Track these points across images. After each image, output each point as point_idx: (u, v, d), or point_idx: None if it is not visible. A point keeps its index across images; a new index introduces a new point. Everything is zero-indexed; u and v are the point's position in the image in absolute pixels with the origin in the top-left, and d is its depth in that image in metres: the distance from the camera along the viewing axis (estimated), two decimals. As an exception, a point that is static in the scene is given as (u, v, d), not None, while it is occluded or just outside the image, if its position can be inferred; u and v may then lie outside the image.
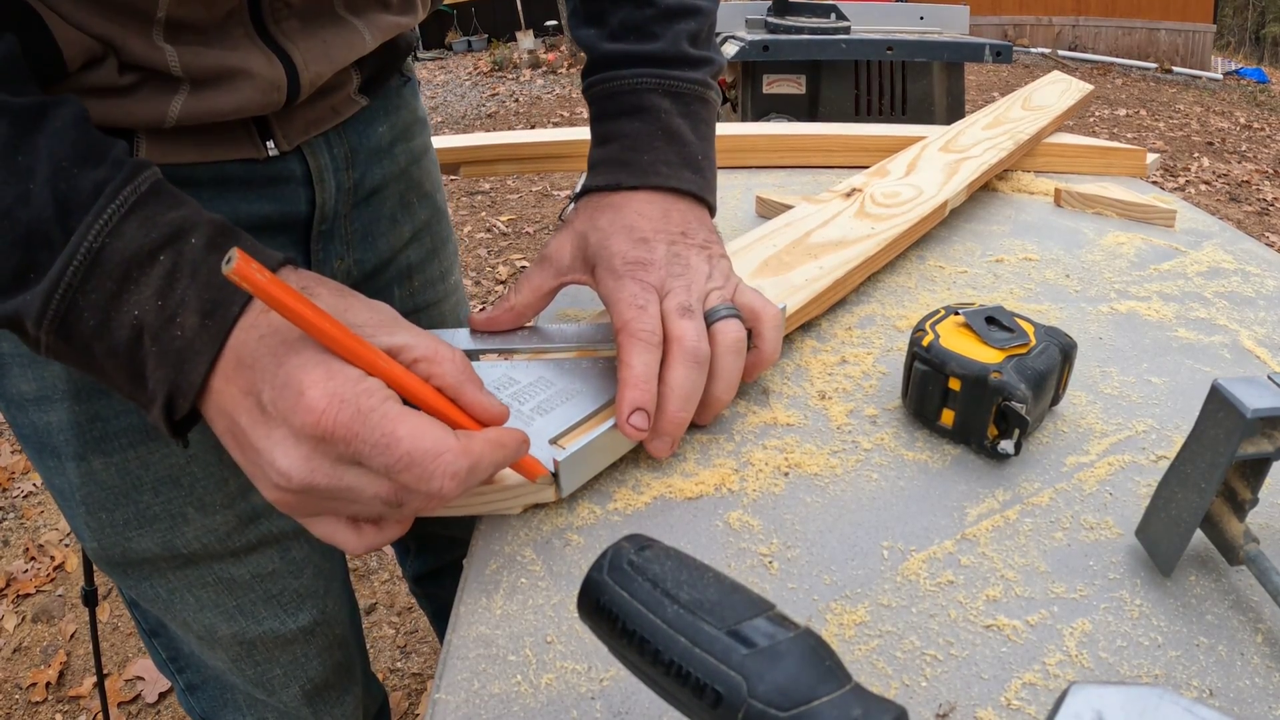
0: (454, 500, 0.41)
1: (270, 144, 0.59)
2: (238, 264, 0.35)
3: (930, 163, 0.99)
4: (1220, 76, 9.66)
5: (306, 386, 0.38)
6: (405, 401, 0.41)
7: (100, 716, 1.56)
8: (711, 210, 0.63)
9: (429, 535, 1.08)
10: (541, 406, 0.54)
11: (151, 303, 0.40)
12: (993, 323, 0.57)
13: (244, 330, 0.41)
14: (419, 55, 9.17)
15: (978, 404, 0.54)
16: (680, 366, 0.52)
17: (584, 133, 1.17)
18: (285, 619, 0.70)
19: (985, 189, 1.05)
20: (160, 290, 0.40)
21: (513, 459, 0.45)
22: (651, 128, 0.61)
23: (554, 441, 0.52)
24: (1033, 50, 10.31)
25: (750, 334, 0.57)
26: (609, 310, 0.55)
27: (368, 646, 1.80)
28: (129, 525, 0.62)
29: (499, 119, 6.71)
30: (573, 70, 8.49)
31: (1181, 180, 5.21)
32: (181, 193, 0.44)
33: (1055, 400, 0.59)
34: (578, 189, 0.63)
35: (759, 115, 2.57)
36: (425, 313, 0.82)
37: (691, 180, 0.61)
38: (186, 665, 0.75)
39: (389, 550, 2.05)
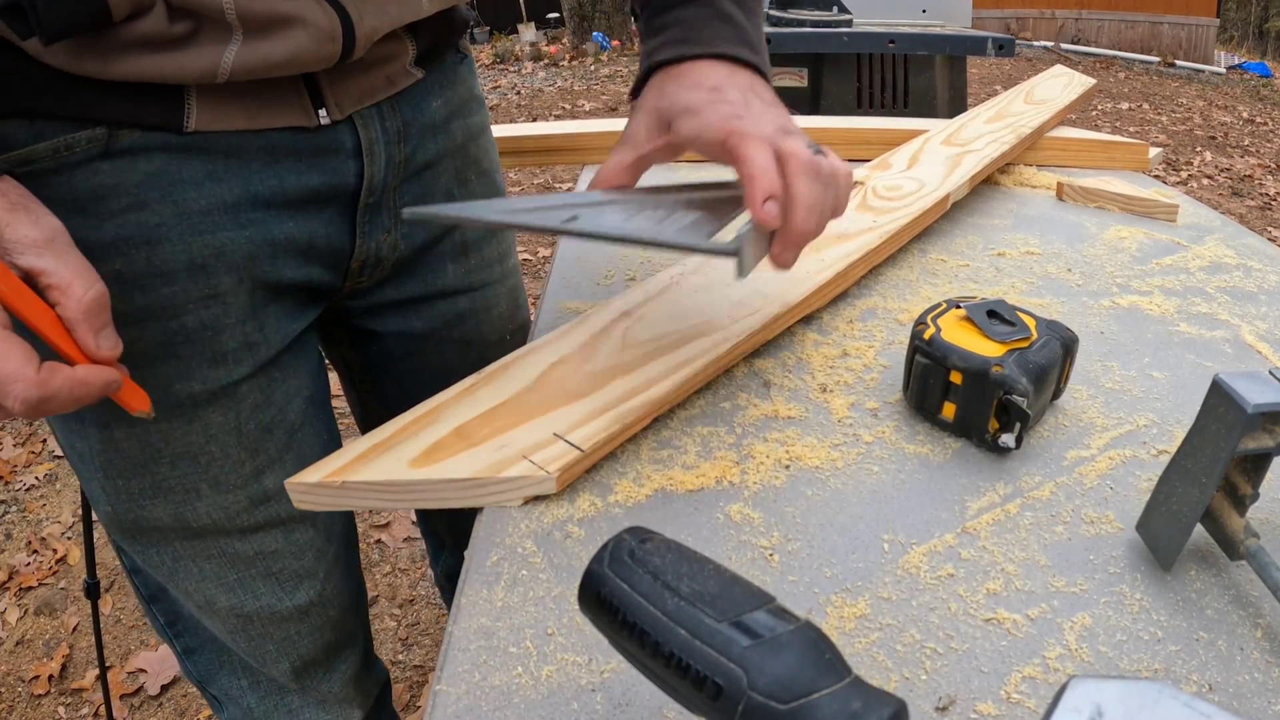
0: (23, 416, 0.44)
1: (322, 112, 0.60)
2: None
3: (932, 156, 0.98)
4: (1223, 70, 9.63)
5: None
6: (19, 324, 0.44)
7: (103, 709, 1.57)
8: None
9: (466, 531, 1.09)
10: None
11: None
12: (994, 316, 0.57)
13: None
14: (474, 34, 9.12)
15: (979, 397, 0.54)
16: (801, 178, 0.50)
17: (585, 125, 1.17)
18: (283, 597, 0.71)
19: (987, 183, 1.05)
20: None
21: (97, 395, 0.46)
22: (707, 12, 0.62)
23: (558, 435, 0.52)
24: (1035, 44, 10.29)
25: None
26: (703, 139, 0.54)
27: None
28: (143, 494, 0.63)
29: (500, 111, 6.70)
30: (574, 63, 8.48)
31: (1184, 174, 5.20)
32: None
33: (1056, 394, 0.59)
34: (639, 74, 0.63)
35: (761, 109, 2.56)
36: (481, 292, 0.82)
37: (751, 56, 0.61)
38: (185, 629, 0.76)
39: (390, 544, 2.06)
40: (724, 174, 0.55)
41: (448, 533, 1.12)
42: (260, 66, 0.53)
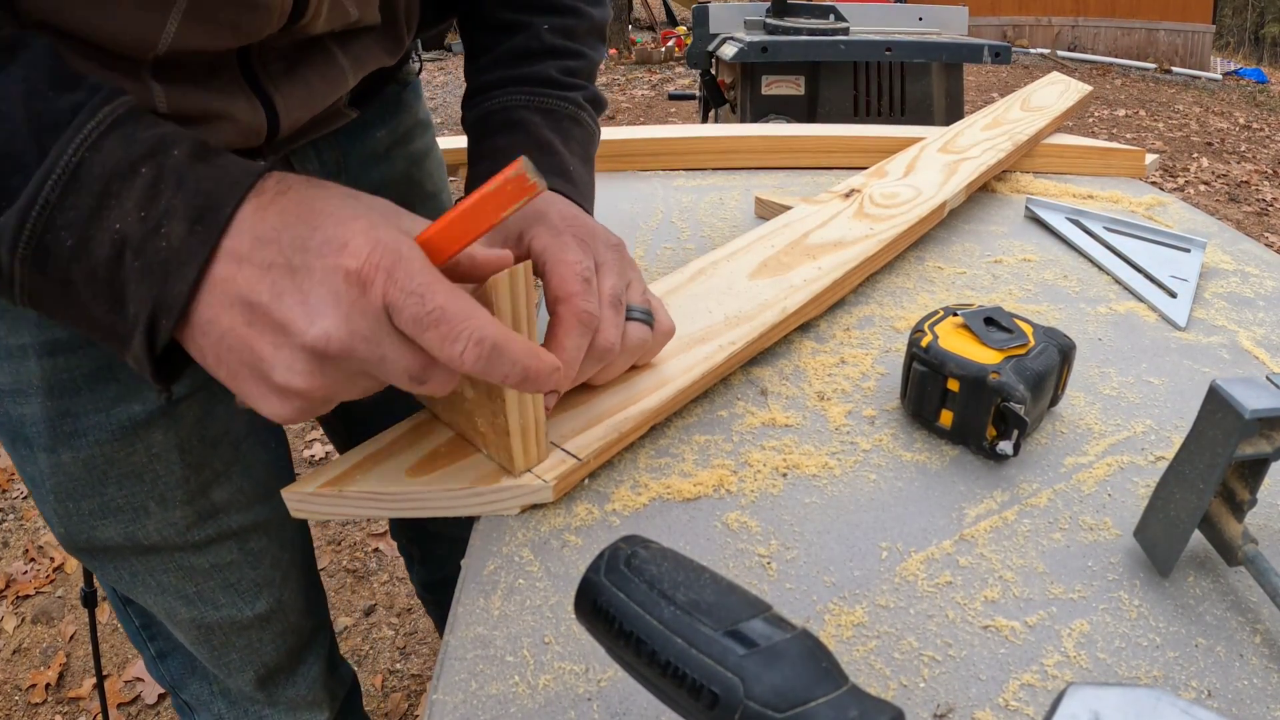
0: (470, 369, 0.40)
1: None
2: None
3: (929, 163, 0.99)
4: (1219, 77, 9.67)
5: (350, 237, 0.38)
6: None
7: (100, 718, 1.56)
8: None
9: (434, 537, 1.08)
10: None
11: (134, 214, 0.38)
12: (991, 323, 0.57)
13: (259, 211, 0.39)
14: (420, 56, 9.15)
15: (976, 405, 0.54)
16: (587, 362, 0.52)
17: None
18: (243, 606, 0.72)
19: (984, 190, 1.05)
20: (142, 202, 0.38)
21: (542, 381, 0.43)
22: (523, 140, 0.62)
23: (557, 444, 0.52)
24: (1032, 51, 10.32)
25: None
26: (546, 269, 0.52)
27: (368, 647, 1.80)
28: (94, 515, 0.63)
29: (498, 120, 6.71)
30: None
31: (1180, 180, 5.21)
32: (159, 118, 0.43)
33: (1054, 401, 0.59)
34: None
35: (758, 116, 2.57)
36: None
37: (563, 186, 0.61)
38: (157, 634, 0.76)
39: (388, 552, 2.05)
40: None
41: (414, 547, 1.12)
42: None
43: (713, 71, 2.78)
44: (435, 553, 1.11)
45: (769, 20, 2.66)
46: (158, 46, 0.48)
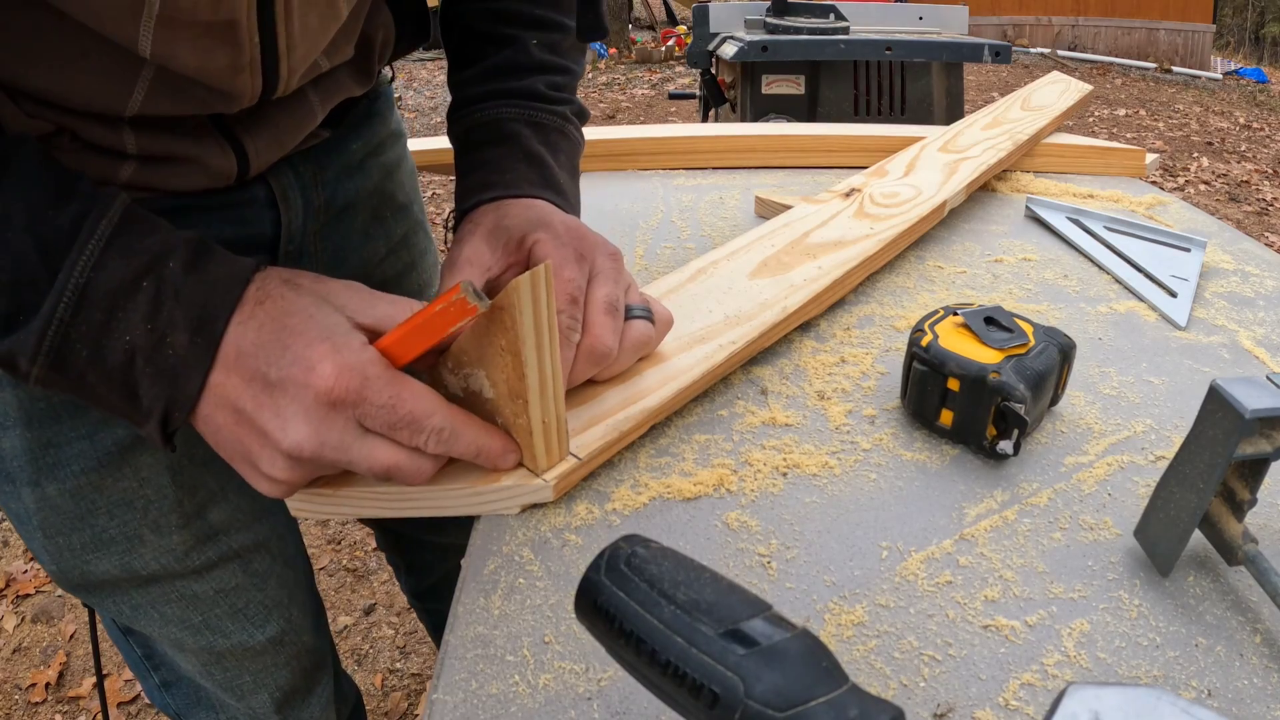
0: (434, 451, 0.46)
1: None
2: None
3: (929, 163, 0.99)
4: (1220, 76, 9.66)
5: (316, 361, 0.42)
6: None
7: (100, 717, 1.56)
8: None
9: (417, 544, 1.08)
10: None
11: (141, 327, 0.42)
12: (991, 323, 0.57)
13: (240, 325, 0.44)
14: (393, 67, 9.14)
15: (976, 404, 0.54)
16: (582, 363, 0.53)
17: (587, 133, 1.17)
18: (253, 631, 0.70)
19: (984, 189, 1.05)
20: (147, 314, 0.43)
21: (482, 452, 0.48)
22: (514, 151, 0.63)
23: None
24: (1032, 50, 10.31)
25: None
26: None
27: (368, 647, 1.80)
28: (86, 549, 0.62)
29: (498, 119, 6.70)
30: (572, 71, 8.49)
31: (1181, 180, 5.21)
32: (151, 215, 0.46)
33: (1054, 400, 0.59)
34: (456, 213, 0.63)
35: (758, 116, 2.57)
36: None
37: (553, 198, 0.62)
38: (161, 664, 0.75)
39: (388, 551, 2.05)
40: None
41: (399, 556, 1.12)
42: (154, 183, 0.54)
43: (713, 71, 2.78)
44: (421, 560, 1.10)
45: (769, 19, 2.66)
46: (125, 111, 0.49)
